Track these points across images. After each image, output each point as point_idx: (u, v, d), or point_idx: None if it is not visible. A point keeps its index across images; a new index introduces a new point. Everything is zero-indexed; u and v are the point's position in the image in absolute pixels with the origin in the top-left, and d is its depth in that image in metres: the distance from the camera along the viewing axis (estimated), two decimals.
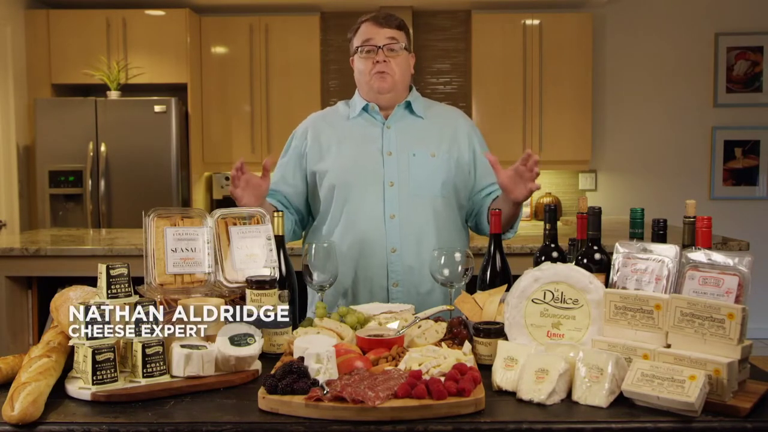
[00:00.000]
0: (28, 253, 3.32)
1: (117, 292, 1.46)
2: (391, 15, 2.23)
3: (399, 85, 2.20)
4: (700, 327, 1.36)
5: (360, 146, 2.19)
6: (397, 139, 2.19)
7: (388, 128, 2.21)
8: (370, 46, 2.17)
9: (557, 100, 5.50)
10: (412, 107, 2.25)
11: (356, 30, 2.24)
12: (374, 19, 2.20)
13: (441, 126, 2.25)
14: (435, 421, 1.26)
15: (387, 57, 2.16)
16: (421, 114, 2.25)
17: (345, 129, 2.24)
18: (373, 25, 2.19)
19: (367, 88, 2.22)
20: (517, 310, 1.55)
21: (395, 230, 2.14)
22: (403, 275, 2.14)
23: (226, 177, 5.71)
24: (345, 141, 2.21)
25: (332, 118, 2.30)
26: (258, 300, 1.68)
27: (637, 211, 1.68)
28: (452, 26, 5.77)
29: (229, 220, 1.80)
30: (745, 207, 5.80)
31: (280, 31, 5.50)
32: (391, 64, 2.17)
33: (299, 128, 2.32)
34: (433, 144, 2.20)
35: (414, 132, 2.22)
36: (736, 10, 5.72)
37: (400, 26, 2.22)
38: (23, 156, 5.23)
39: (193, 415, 1.31)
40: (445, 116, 2.30)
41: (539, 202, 5.77)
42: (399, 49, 2.18)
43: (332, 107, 2.37)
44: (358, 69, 2.23)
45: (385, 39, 2.17)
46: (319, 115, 2.35)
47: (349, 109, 2.29)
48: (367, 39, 2.18)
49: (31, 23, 5.27)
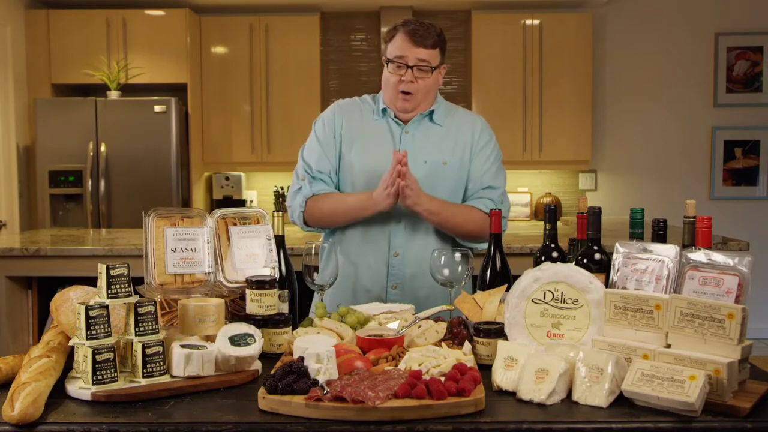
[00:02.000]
0: (28, 253, 3.32)
1: (117, 292, 1.46)
2: (429, 31, 2.14)
3: (422, 105, 2.21)
4: (700, 327, 1.36)
5: (379, 150, 2.19)
6: (413, 146, 2.20)
7: (407, 133, 2.22)
8: (400, 63, 2.14)
9: (557, 100, 5.50)
10: (432, 116, 2.25)
11: (392, 37, 2.18)
12: (411, 35, 2.12)
13: (457, 134, 2.25)
14: (435, 421, 1.26)
15: (415, 77, 2.14)
16: (440, 122, 2.25)
17: (370, 128, 2.24)
18: (408, 42, 2.13)
19: (389, 99, 2.22)
20: (517, 310, 1.55)
21: (400, 235, 2.17)
22: (403, 279, 2.17)
23: (226, 177, 5.71)
24: (370, 140, 2.22)
25: (361, 110, 2.29)
26: (258, 300, 1.68)
27: (637, 211, 1.68)
28: (452, 26, 5.77)
29: (229, 220, 1.81)
30: (745, 207, 5.80)
31: (280, 31, 5.50)
32: (417, 84, 2.15)
33: (327, 113, 2.30)
34: (447, 152, 2.21)
35: (430, 139, 2.23)
36: (736, 10, 5.72)
37: (435, 44, 2.15)
38: (23, 156, 5.23)
39: (193, 415, 1.31)
40: (463, 124, 2.28)
41: (539, 202, 5.77)
42: (428, 69, 2.14)
43: (359, 99, 2.34)
44: (386, 78, 2.21)
45: (416, 60, 2.13)
46: (347, 104, 2.31)
47: (375, 105, 2.28)
48: (399, 56, 2.14)
49: (31, 23, 5.27)
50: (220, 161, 5.59)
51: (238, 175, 5.73)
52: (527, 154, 5.51)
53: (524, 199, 5.78)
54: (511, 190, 5.85)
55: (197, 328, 1.56)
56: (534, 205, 5.81)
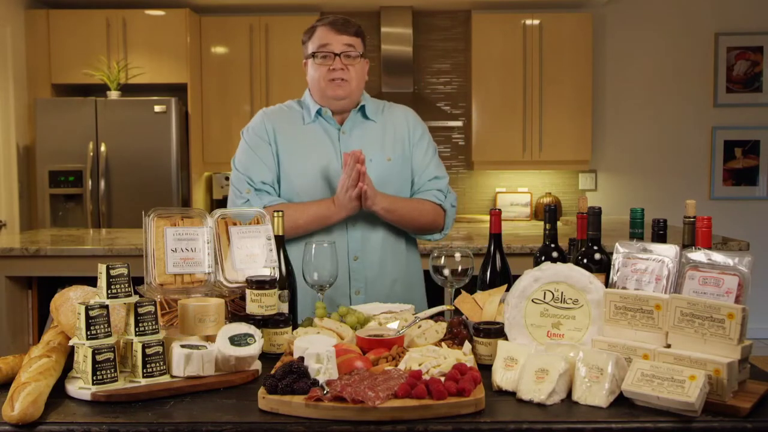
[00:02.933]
0: (28, 253, 3.32)
1: (117, 292, 1.46)
2: (349, 21, 2.17)
3: (355, 92, 2.18)
4: (700, 327, 1.36)
5: (318, 154, 2.16)
6: (353, 146, 2.16)
7: (344, 134, 2.20)
8: (326, 52, 2.13)
9: (557, 100, 5.50)
10: (365, 111, 2.23)
11: (311, 34, 2.18)
12: (332, 25, 2.14)
13: (394, 129, 2.24)
14: (435, 421, 1.26)
15: (344, 64, 2.13)
16: (374, 118, 2.24)
17: (303, 133, 2.20)
18: (330, 31, 2.14)
19: (320, 94, 2.18)
20: (517, 310, 1.55)
21: (356, 238, 2.16)
22: (365, 283, 2.17)
23: (226, 177, 5.71)
24: (305, 147, 2.17)
25: (289, 118, 2.23)
26: (258, 300, 1.68)
27: (637, 211, 1.68)
28: (452, 26, 5.77)
29: (229, 220, 1.81)
30: (745, 207, 5.80)
31: (280, 31, 5.50)
32: (348, 72, 2.14)
33: (256, 122, 2.22)
34: (388, 148, 2.20)
35: (369, 137, 2.21)
36: (736, 10, 5.72)
37: (358, 33, 2.18)
38: (23, 156, 5.23)
39: (193, 415, 1.31)
40: (397, 117, 2.28)
41: (539, 202, 5.77)
42: (356, 56, 2.15)
43: (284, 105, 2.29)
44: (312, 74, 2.19)
45: (343, 46, 2.13)
46: (274, 112, 2.25)
47: (302, 110, 2.24)
48: (324, 44, 2.13)
49: (31, 23, 5.27)
50: (220, 161, 5.58)
51: None
52: (527, 154, 5.51)
53: (524, 199, 5.78)
54: (512, 190, 5.86)
55: (197, 328, 1.56)
56: (534, 205, 5.81)
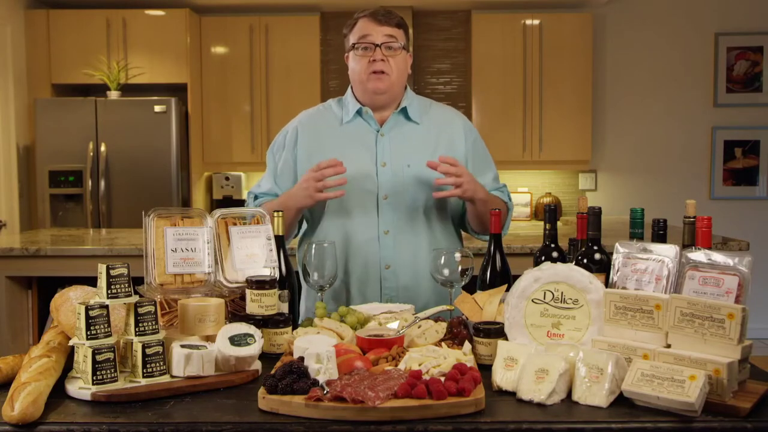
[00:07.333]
0: (28, 253, 3.32)
1: (117, 292, 1.46)
2: (391, 12, 2.11)
3: (396, 86, 2.10)
4: (700, 327, 1.36)
5: (354, 156, 2.08)
6: (391, 149, 2.11)
7: (382, 136, 2.12)
8: (368, 44, 2.08)
9: (557, 100, 5.50)
10: (407, 112, 2.15)
11: (353, 26, 2.14)
12: (373, 16, 2.09)
13: (438, 132, 2.16)
14: (435, 421, 1.26)
15: (385, 56, 2.06)
16: (417, 119, 2.16)
17: (339, 135, 2.14)
18: (371, 22, 2.08)
19: (362, 87, 2.11)
20: (517, 310, 1.55)
21: (389, 246, 2.09)
22: (397, 292, 2.09)
23: (226, 177, 5.71)
24: (339, 149, 2.08)
25: (325, 121, 2.18)
26: (258, 300, 1.68)
27: (637, 211, 1.68)
28: (452, 26, 5.77)
29: (229, 220, 1.80)
30: (745, 207, 5.80)
31: (280, 31, 5.50)
32: (388, 64, 2.07)
33: (290, 127, 2.21)
34: (429, 152, 2.09)
35: (409, 140, 2.13)
36: (736, 10, 5.72)
37: (400, 24, 2.12)
38: (23, 156, 5.23)
39: (193, 415, 1.31)
40: (442, 120, 2.20)
41: (539, 202, 5.77)
42: (397, 47, 2.08)
43: (324, 106, 2.24)
44: (353, 67, 2.14)
45: (384, 37, 2.07)
46: (310, 116, 2.23)
47: (341, 110, 2.18)
48: (365, 35, 2.08)
49: (31, 23, 5.27)
50: (220, 161, 5.59)
51: (238, 175, 5.73)
52: (527, 154, 5.51)
53: (524, 199, 5.78)
54: (511, 190, 5.82)
55: (197, 328, 1.56)
56: (534, 205, 5.81)
